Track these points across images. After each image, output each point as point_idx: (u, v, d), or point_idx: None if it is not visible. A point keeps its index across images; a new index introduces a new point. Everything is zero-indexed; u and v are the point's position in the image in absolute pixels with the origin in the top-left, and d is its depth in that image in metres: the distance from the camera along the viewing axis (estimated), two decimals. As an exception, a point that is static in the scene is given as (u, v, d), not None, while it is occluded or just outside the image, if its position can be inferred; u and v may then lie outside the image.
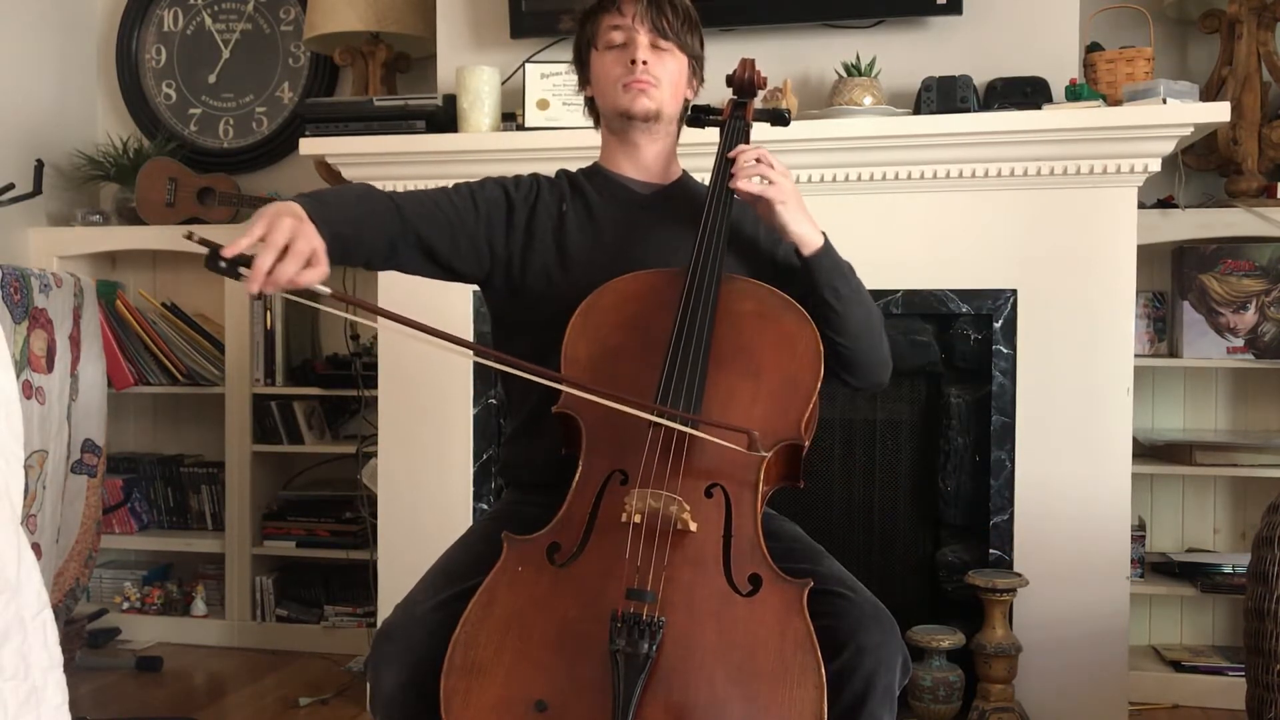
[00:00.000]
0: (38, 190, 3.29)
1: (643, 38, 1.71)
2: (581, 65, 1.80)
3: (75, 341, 2.78)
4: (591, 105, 1.83)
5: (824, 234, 1.68)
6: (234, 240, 1.35)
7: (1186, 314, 2.87)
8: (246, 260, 1.34)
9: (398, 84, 3.38)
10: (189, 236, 1.36)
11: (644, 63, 1.70)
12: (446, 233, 1.71)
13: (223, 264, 1.33)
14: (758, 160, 1.65)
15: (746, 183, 1.63)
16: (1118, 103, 2.52)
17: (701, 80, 1.82)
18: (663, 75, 1.72)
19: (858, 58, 2.65)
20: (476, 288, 2.53)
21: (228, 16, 3.67)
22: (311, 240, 1.40)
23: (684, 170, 1.86)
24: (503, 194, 1.78)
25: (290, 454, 3.47)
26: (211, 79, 3.69)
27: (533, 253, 1.76)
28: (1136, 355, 2.62)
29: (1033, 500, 2.54)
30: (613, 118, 1.77)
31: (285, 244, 1.37)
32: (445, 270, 1.75)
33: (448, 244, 1.71)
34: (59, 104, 3.62)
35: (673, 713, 1.33)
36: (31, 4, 3.50)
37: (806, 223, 1.66)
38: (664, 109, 1.75)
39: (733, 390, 1.54)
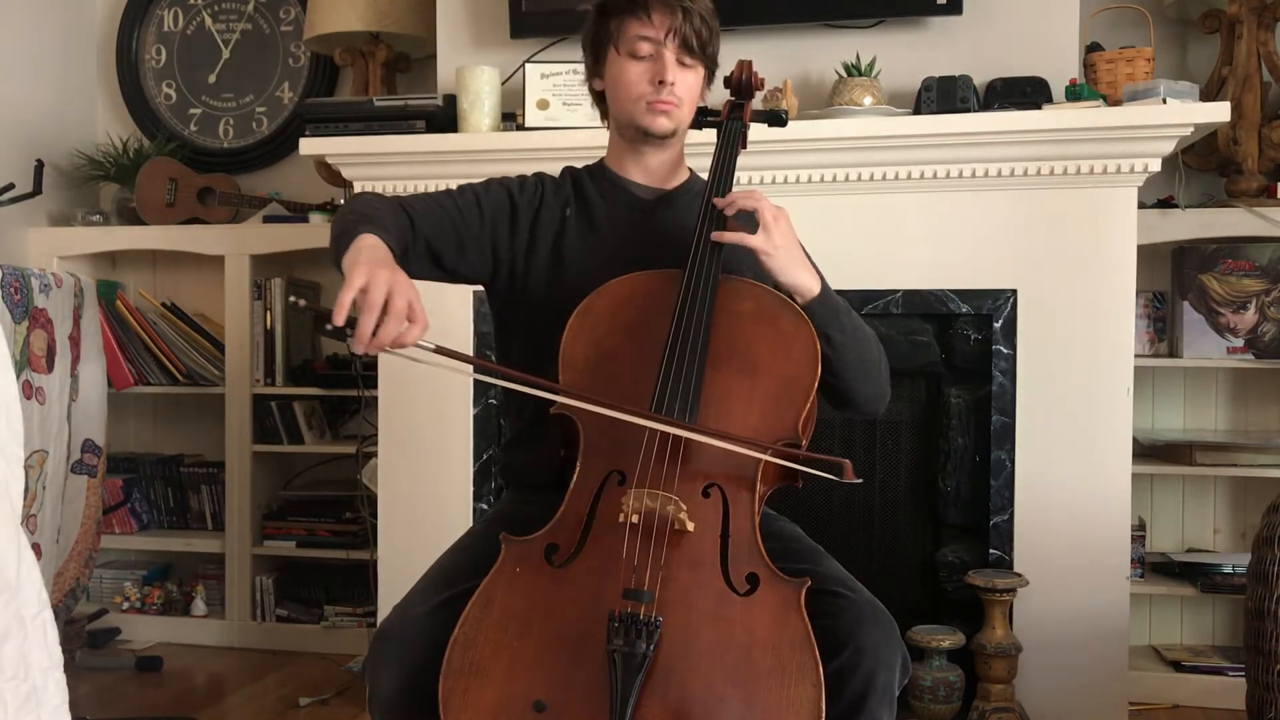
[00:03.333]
0: (38, 190, 3.29)
1: (671, 54, 1.67)
2: (595, 58, 1.76)
3: (75, 341, 2.78)
4: (600, 98, 1.80)
5: (821, 277, 1.65)
6: (338, 301, 1.36)
7: (1186, 314, 2.87)
8: (353, 322, 1.37)
9: (398, 84, 3.38)
10: (295, 303, 1.41)
11: (672, 83, 1.67)
12: (453, 238, 1.70)
13: (329, 328, 1.36)
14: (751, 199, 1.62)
15: (721, 233, 1.60)
16: (1118, 103, 2.52)
17: (712, 82, 1.80)
18: (685, 93, 1.70)
19: (858, 58, 2.65)
20: (477, 289, 2.56)
21: (228, 16, 3.68)
22: (407, 294, 1.39)
23: (691, 171, 1.85)
24: (507, 196, 1.77)
25: (290, 454, 3.48)
26: (211, 79, 3.69)
27: (535, 255, 1.76)
28: (1136, 355, 2.62)
29: (1033, 500, 2.54)
30: (627, 128, 1.75)
31: (384, 301, 1.37)
32: (450, 275, 1.75)
33: (454, 250, 1.71)
34: (59, 104, 3.62)
35: (671, 712, 1.33)
36: (31, 4, 3.50)
37: (800, 271, 1.61)
38: (681, 126, 1.74)
39: (730, 390, 1.54)
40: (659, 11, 1.66)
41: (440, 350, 1.41)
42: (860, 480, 1.46)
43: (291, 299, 1.42)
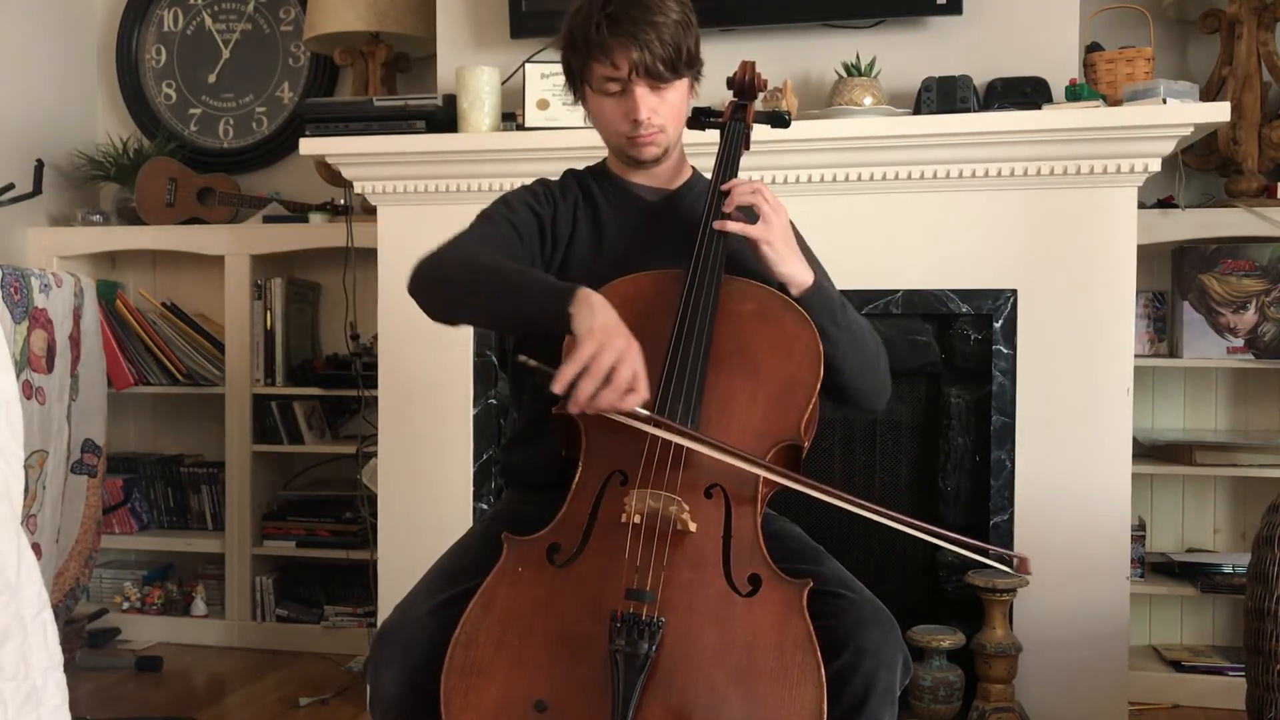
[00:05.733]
0: (38, 190, 3.29)
1: (641, 88, 1.64)
2: (574, 89, 1.75)
3: (75, 341, 2.78)
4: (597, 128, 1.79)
5: (816, 271, 1.65)
6: (563, 370, 1.39)
7: (1186, 314, 2.87)
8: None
9: (398, 84, 3.38)
10: (525, 362, 1.44)
11: (648, 118, 1.66)
12: None
13: (555, 392, 1.40)
14: (754, 192, 1.62)
15: (724, 222, 1.59)
16: (1118, 103, 2.52)
17: (701, 76, 1.76)
18: (667, 116, 1.68)
19: (858, 58, 2.65)
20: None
21: (228, 16, 3.67)
22: (634, 364, 1.41)
23: (694, 169, 1.84)
24: (533, 215, 1.76)
25: (290, 454, 3.48)
26: (211, 79, 3.69)
27: (552, 262, 1.77)
28: (1136, 355, 2.62)
29: (1033, 500, 2.54)
30: (618, 153, 1.76)
31: (609, 370, 1.39)
32: None
33: None
34: (59, 104, 3.62)
35: (672, 713, 1.33)
36: (31, 4, 3.50)
37: (794, 263, 1.61)
38: (671, 144, 1.73)
39: (732, 392, 1.54)
40: (619, 52, 1.61)
41: (653, 419, 1.44)
42: (1030, 575, 1.47)
43: (521, 358, 1.45)
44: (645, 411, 1.44)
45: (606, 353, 1.39)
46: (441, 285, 1.61)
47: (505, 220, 1.73)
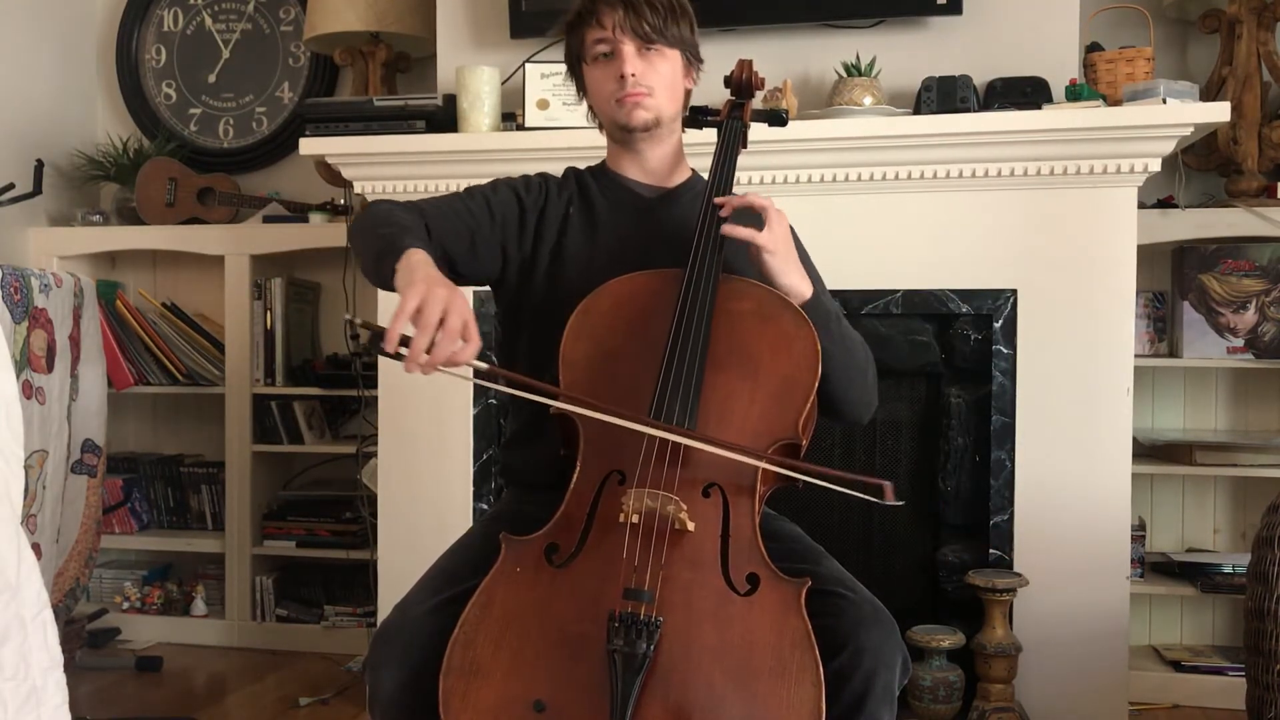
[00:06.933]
0: (38, 190, 3.29)
1: (628, 47, 1.68)
2: (575, 76, 1.80)
3: (75, 341, 2.78)
4: (594, 112, 1.82)
5: (814, 281, 1.66)
6: (393, 322, 1.34)
7: (1186, 314, 2.87)
8: (406, 340, 1.35)
9: (398, 84, 3.38)
10: (352, 320, 1.41)
11: (633, 75, 1.68)
12: (466, 242, 1.71)
13: (384, 350, 1.35)
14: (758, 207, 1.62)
15: (731, 228, 1.59)
16: (1118, 103, 2.52)
17: (700, 63, 1.78)
18: (655, 81, 1.70)
19: (858, 58, 2.65)
20: (478, 289, 2.56)
21: (228, 16, 3.68)
22: (463, 313, 1.38)
23: (693, 170, 1.85)
24: (515, 197, 1.78)
25: (290, 454, 3.48)
26: (211, 79, 3.69)
27: (539, 255, 1.77)
28: (1136, 355, 2.62)
29: (1033, 500, 2.54)
30: (613, 129, 1.77)
31: (439, 321, 1.36)
32: (460, 279, 1.73)
33: (467, 254, 1.72)
34: (59, 104, 3.62)
35: (671, 712, 1.33)
36: (31, 4, 3.50)
37: (794, 274, 1.62)
38: (662, 114, 1.74)
39: (730, 391, 1.53)
40: (605, 12, 1.69)
41: (494, 371, 1.41)
42: (901, 503, 1.44)
43: (347, 317, 1.42)
44: (483, 365, 1.41)
45: (432, 304, 1.36)
46: (356, 238, 1.66)
47: (482, 198, 1.76)
